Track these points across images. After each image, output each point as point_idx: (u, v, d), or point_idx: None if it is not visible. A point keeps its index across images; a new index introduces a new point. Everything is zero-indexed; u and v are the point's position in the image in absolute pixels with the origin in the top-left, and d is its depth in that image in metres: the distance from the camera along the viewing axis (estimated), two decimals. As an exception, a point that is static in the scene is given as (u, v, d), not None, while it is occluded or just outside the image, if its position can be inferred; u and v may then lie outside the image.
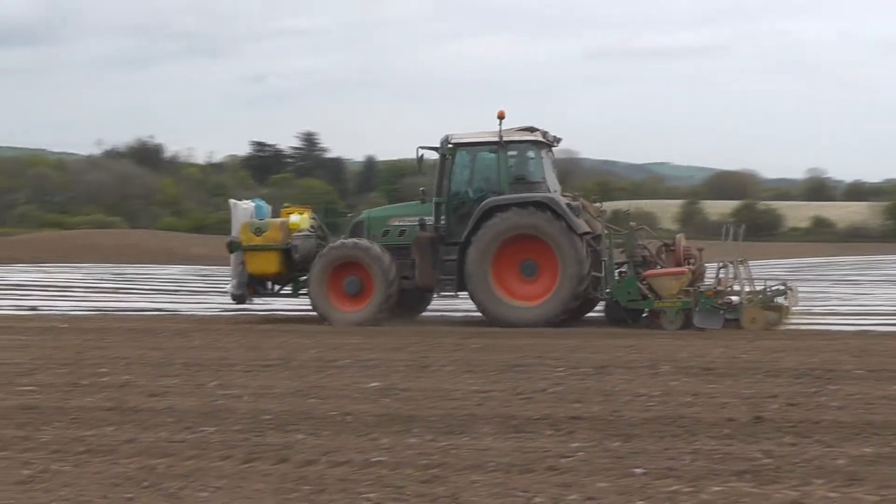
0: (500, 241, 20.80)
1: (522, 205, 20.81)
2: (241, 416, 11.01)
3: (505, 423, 10.53)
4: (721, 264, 20.52)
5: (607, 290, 20.71)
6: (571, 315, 21.08)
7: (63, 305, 26.94)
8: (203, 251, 53.98)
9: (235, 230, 22.44)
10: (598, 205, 22.32)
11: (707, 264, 21.21)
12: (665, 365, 14.62)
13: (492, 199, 20.98)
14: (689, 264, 20.77)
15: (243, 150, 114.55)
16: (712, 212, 76.13)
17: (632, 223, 22.13)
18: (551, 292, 20.62)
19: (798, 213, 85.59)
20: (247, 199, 23.82)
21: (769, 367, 14.30)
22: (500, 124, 21.19)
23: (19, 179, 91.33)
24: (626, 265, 21.08)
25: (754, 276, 20.88)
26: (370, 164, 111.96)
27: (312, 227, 22.45)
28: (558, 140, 22.48)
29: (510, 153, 21.56)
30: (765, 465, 8.73)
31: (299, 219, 22.32)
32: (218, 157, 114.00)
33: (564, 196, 21.36)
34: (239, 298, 22.57)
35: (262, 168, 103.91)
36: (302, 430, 10.29)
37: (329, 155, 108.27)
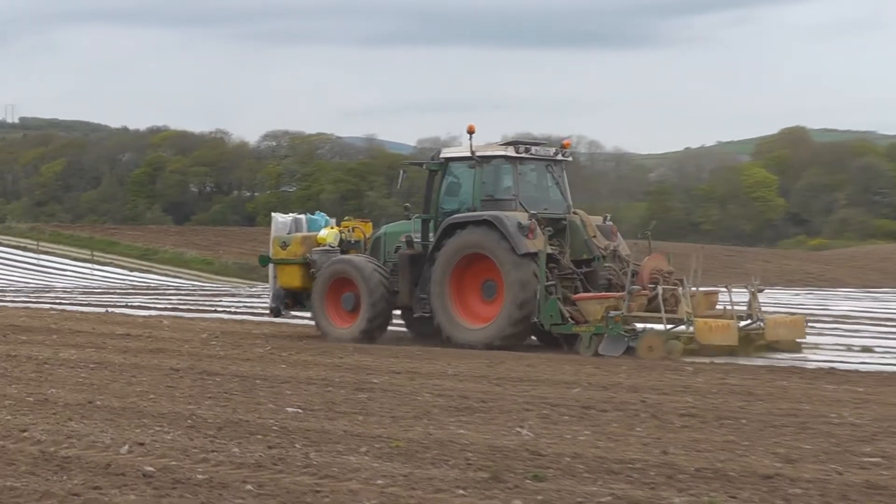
0: (455, 262, 20.56)
1: (474, 223, 20.43)
2: None
3: None
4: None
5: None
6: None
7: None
8: None
9: (270, 244, 23.22)
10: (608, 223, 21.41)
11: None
12: None
13: (450, 218, 20.82)
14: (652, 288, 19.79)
15: None
16: None
17: (608, 243, 21.10)
18: (497, 315, 20.12)
19: None
20: (306, 211, 24.49)
21: None
22: (471, 139, 20.94)
23: (841, 174, 77.75)
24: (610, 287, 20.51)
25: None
26: None
27: (343, 241, 22.56)
28: (562, 151, 21.64)
29: (486, 168, 21.10)
30: None
31: (327, 233, 22.60)
32: None
33: (520, 213, 20.34)
34: (274, 311, 23.44)
35: None
36: None
37: None
